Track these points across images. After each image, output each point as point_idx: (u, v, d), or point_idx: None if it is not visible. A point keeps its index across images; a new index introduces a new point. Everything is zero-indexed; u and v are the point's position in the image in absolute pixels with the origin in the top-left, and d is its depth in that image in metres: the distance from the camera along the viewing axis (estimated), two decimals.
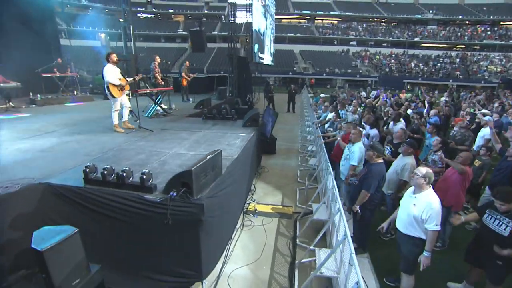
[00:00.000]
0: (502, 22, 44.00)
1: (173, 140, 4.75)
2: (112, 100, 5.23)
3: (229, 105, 7.70)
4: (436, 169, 4.22)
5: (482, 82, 34.12)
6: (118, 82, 5.08)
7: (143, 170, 2.68)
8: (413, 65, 39.16)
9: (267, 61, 17.93)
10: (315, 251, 3.29)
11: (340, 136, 5.09)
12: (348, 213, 3.87)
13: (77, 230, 2.18)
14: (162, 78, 8.28)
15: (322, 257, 3.08)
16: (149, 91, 7.19)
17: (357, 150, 4.02)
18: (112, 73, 5.01)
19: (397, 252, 3.07)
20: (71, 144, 4.43)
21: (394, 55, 42.46)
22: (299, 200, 5.32)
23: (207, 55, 38.79)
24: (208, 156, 2.80)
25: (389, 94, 11.96)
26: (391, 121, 6.08)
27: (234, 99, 10.67)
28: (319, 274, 2.85)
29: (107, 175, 2.72)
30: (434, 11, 45.76)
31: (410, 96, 11.64)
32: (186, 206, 2.53)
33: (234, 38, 11.99)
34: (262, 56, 15.82)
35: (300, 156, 7.94)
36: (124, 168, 2.74)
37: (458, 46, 44.06)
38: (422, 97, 11.06)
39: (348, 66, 39.18)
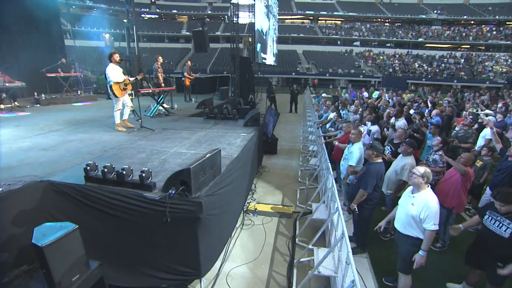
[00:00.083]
0: (508, 22, 43.56)
1: (174, 139, 4.78)
2: (114, 99, 5.29)
3: (231, 105, 7.73)
4: (437, 169, 4.21)
5: (487, 82, 33.80)
6: (122, 79, 5.13)
7: (143, 168, 2.71)
8: (417, 65, 38.93)
9: (270, 61, 17.95)
10: (314, 250, 3.30)
11: (340, 135, 5.09)
12: (348, 213, 3.87)
13: (77, 226, 2.21)
14: (164, 79, 8.33)
15: (320, 256, 3.09)
16: (151, 91, 7.25)
17: (355, 151, 4.02)
18: (114, 72, 5.07)
19: (394, 251, 3.07)
20: (74, 143, 4.48)
21: (397, 56, 42.25)
22: (299, 199, 5.33)
23: (211, 56, 38.96)
24: (206, 155, 2.83)
25: (390, 94, 11.91)
26: (393, 117, 6.07)
27: (236, 99, 10.70)
28: (317, 273, 2.86)
29: (107, 173, 2.76)
30: (438, 11, 45.43)
31: (412, 96, 11.57)
32: (185, 204, 2.56)
33: (237, 38, 12.02)
34: (265, 56, 15.84)
35: (301, 156, 7.95)
36: (124, 166, 2.77)
37: (462, 46, 43.70)
38: (425, 97, 11.00)
39: (351, 66, 39.06)
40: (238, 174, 3.91)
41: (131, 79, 5.46)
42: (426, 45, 44.05)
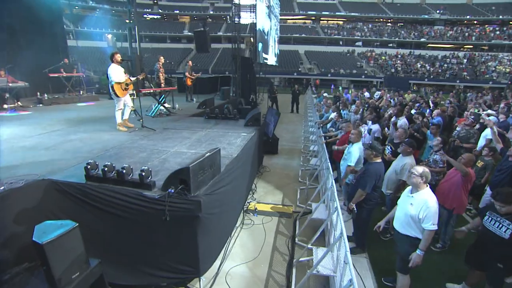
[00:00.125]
0: (511, 22, 43.25)
1: (174, 139, 4.81)
2: (115, 99, 5.32)
3: (232, 105, 7.74)
4: (437, 169, 4.20)
5: (490, 83, 33.60)
6: (124, 79, 5.17)
7: (143, 167, 2.73)
8: (419, 65, 38.77)
9: (271, 61, 17.97)
10: (313, 250, 3.31)
11: (340, 135, 5.09)
12: (348, 213, 3.87)
13: (77, 224, 2.24)
14: (165, 79, 8.37)
15: (319, 255, 3.10)
16: (152, 91, 7.28)
17: (354, 151, 4.01)
18: (116, 72, 5.10)
19: (394, 251, 3.07)
20: (75, 142, 4.52)
21: (400, 56, 42.10)
22: (300, 199, 5.33)
23: (212, 56, 39.05)
24: (206, 154, 2.84)
25: (392, 95, 11.88)
26: (394, 116, 6.07)
27: (237, 99, 10.73)
28: (316, 272, 2.87)
29: (108, 172, 2.78)
30: (441, 11, 45.23)
31: (414, 96, 11.53)
32: (184, 202, 2.57)
33: (238, 38, 12.04)
34: (266, 56, 15.87)
35: (302, 156, 7.95)
36: (124, 165, 2.80)
37: (465, 47, 43.47)
38: (427, 97, 10.95)
39: (353, 66, 39.00)
40: (238, 173, 3.93)
41: (133, 79, 5.49)
42: (429, 45, 43.87)
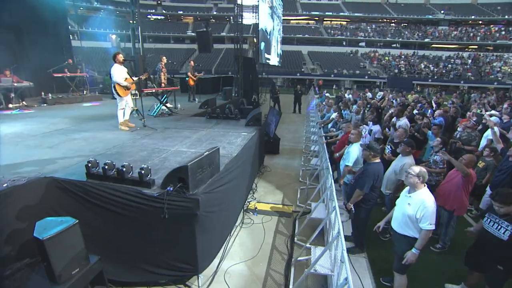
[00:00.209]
0: None
1: (175, 138, 4.85)
2: (118, 99, 5.37)
3: (233, 105, 7.77)
4: (437, 169, 4.19)
5: (495, 83, 33.27)
6: (124, 84, 5.21)
7: (142, 165, 2.77)
8: (423, 66, 38.51)
9: (274, 61, 17.99)
10: (311, 249, 3.32)
11: (340, 136, 5.10)
12: (347, 212, 3.88)
13: (77, 221, 2.28)
14: (167, 79, 8.43)
15: (317, 254, 3.10)
16: (154, 91, 7.34)
17: (352, 151, 4.02)
18: (118, 73, 5.15)
19: (392, 251, 3.07)
20: (78, 141, 4.58)
21: (403, 56, 41.86)
22: (300, 199, 5.34)
23: (216, 56, 39.16)
24: (205, 153, 2.87)
25: (395, 95, 11.83)
26: (394, 116, 6.05)
27: (239, 99, 10.76)
28: (313, 271, 2.88)
29: (108, 170, 2.82)
30: (445, 11, 44.89)
31: (417, 96, 11.47)
32: (182, 200, 2.60)
33: (240, 39, 12.08)
34: (269, 56, 15.89)
35: (303, 156, 7.95)
36: (124, 163, 2.84)
37: (470, 47, 43.09)
38: (429, 98, 10.88)
39: (356, 67, 38.86)
40: (238, 172, 3.95)
41: (135, 79, 5.54)
42: (433, 45, 43.57)
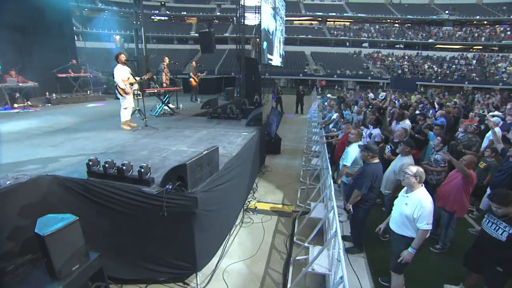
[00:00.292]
0: None
1: (176, 137, 4.89)
2: (121, 98, 5.43)
3: (235, 105, 7.80)
4: (438, 168, 4.19)
5: (500, 84, 32.94)
6: (122, 86, 5.23)
7: (142, 164, 2.81)
8: (426, 67, 38.26)
9: (276, 62, 18.01)
10: (309, 248, 3.33)
11: (340, 136, 5.10)
12: (346, 212, 3.88)
13: (77, 218, 2.32)
14: (169, 79, 8.49)
15: (315, 254, 3.12)
16: (157, 91, 7.39)
17: (351, 151, 4.02)
18: (119, 73, 5.20)
19: (389, 251, 3.07)
20: (80, 140, 4.65)
21: (407, 57, 41.61)
22: (300, 199, 5.35)
23: (219, 57, 39.26)
24: (204, 152, 2.90)
25: (397, 96, 11.79)
26: (394, 120, 6.02)
27: (241, 100, 10.79)
28: (311, 270, 2.90)
29: (108, 168, 2.86)
30: (450, 12, 44.55)
31: (419, 97, 11.41)
32: (181, 199, 2.63)
33: (243, 39, 12.12)
34: (271, 57, 15.91)
35: (304, 156, 7.96)
36: (124, 162, 2.88)
37: (475, 47, 42.70)
38: (432, 98, 10.83)
39: (359, 68, 38.72)
40: (237, 172, 3.97)
41: (137, 79, 5.59)
42: (437, 46, 43.26)
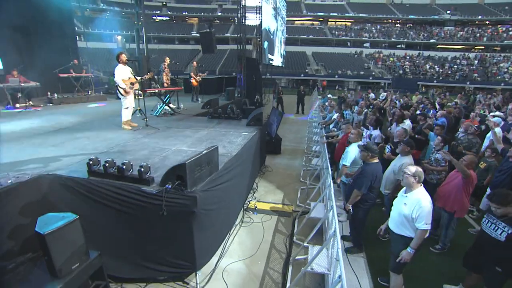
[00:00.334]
0: None
1: (176, 137, 4.91)
2: (122, 98, 5.46)
3: (236, 105, 7.82)
4: (438, 168, 4.19)
5: (502, 84, 32.80)
6: (123, 85, 5.27)
7: (142, 163, 2.82)
8: (428, 67, 38.15)
9: (277, 62, 18.02)
10: (309, 248, 3.34)
11: (340, 136, 5.11)
12: (346, 212, 3.89)
13: (77, 217, 2.33)
14: (170, 79, 8.51)
15: (314, 253, 3.12)
16: (157, 91, 7.42)
17: (350, 151, 4.02)
18: (120, 73, 5.22)
19: (388, 251, 3.07)
20: (81, 140, 4.67)
21: (408, 57, 41.52)
22: (300, 199, 5.35)
23: (220, 57, 39.30)
24: (203, 151, 2.91)
25: (398, 96, 11.78)
26: (394, 122, 6.01)
27: (242, 100, 10.81)
28: (310, 270, 2.90)
29: (108, 168, 2.88)
30: (451, 12, 44.41)
31: (420, 97, 11.40)
32: (180, 198, 2.65)
33: (243, 39, 12.14)
34: (272, 57, 15.92)
35: (305, 156, 7.97)
36: (124, 161, 2.89)
37: (476, 48, 42.55)
38: (433, 99, 10.81)
39: (360, 68, 38.68)
40: (237, 171, 3.98)
41: (138, 78, 5.61)
42: (438, 46, 43.14)
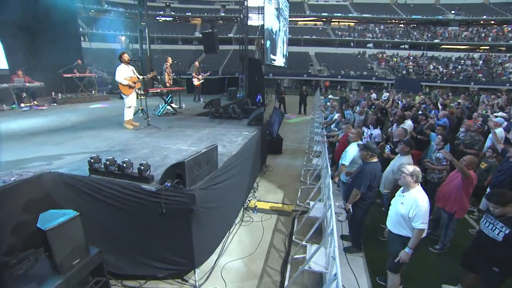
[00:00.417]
0: None
1: (177, 137, 4.95)
2: (124, 97, 5.52)
3: (237, 105, 7.85)
4: (440, 167, 4.19)
5: (507, 84, 32.49)
6: (125, 82, 5.31)
7: (142, 161, 2.86)
8: (431, 67, 37.89)
9: (279, 62, 18.05)
10: (307, 247, 3.35)
11: (341, 136, 5.11)
12: (346, 212, 3.90)
13: (78, 213, 2.38)
14: (172, 79, 8.58)
15: (312, 252, 3.14)
16: (159, 91, 7.48)
17: (349, 150, 4.03)
18: (120, 72, 5.28)
19: (387, 251, 3.08)
20: (83, 138, 4.74)
21: (412, 57, 41.28)
22: (300, 198, 5.37)
23: (223, 57, 39.41)
24: (202, 150, 2.95)
25: (400, 97, 11.74)
26: (395, 122, 6.00)
27: (244, 100, 10.84)
28: (308, 268, 2.91)
29: (109, 166, 2.92)
30: (456, 12, 44.07)
31: (423, 98, 11.35)
32: (179, 196, 2.68)
33: (246, 40, 12.19)
34: (274, 57, 15.96)
35: (306, 156, 7.97)
36: (124, 159, 2.94)
37: (481, 48, 42.17)
38: (436, 99, 10.76)
39: (364, 68, 38.54)
40: (237, 170, 4.01)
41: (140, 78, 5.66)
42: (442, 46, 42.86)
